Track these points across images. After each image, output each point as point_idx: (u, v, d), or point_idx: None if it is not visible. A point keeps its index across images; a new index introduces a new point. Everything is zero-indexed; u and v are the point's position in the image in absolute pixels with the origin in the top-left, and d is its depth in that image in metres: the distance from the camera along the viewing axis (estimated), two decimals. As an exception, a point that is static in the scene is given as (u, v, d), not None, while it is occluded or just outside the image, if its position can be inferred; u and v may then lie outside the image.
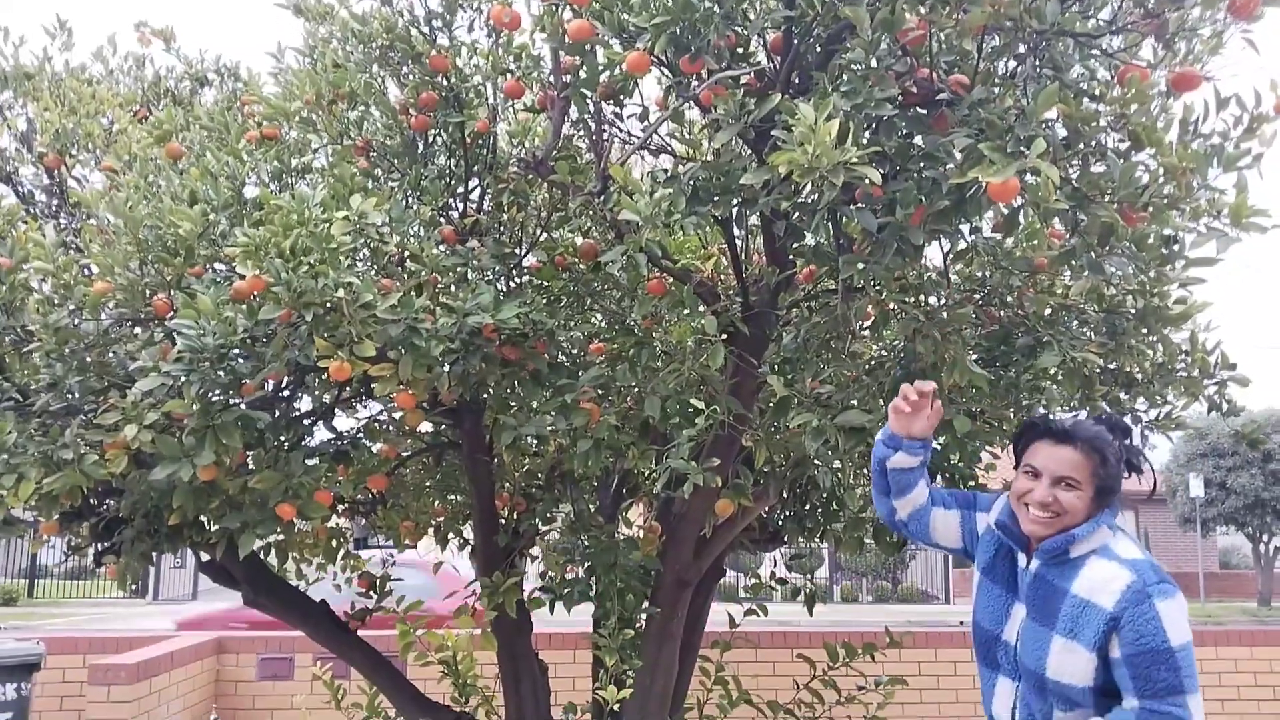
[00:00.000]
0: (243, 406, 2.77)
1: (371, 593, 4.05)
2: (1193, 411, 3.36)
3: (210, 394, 2.66)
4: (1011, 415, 3.26)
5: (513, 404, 3.38)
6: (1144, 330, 3.07)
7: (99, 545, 3.40)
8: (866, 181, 2.01)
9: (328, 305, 2.51)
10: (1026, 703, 2.01)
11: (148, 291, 2.88)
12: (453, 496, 4.36)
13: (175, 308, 2.75)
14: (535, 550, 4.08)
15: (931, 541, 2.30)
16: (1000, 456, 3.68)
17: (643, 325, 3.41)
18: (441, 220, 3.34)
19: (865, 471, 3.78)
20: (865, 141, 2.16)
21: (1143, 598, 1.85)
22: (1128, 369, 3.19)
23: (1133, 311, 3.07)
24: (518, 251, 3.44)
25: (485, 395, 3.41)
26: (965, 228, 2.78)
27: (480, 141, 3.31)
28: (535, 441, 3.58)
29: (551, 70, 3.08)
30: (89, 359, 2.92)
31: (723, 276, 3.64)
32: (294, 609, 3.87)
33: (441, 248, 3.14)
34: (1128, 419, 3.36)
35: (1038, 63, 2.33)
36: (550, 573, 3.74)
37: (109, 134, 3.99)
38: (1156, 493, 21.12)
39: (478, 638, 3.83)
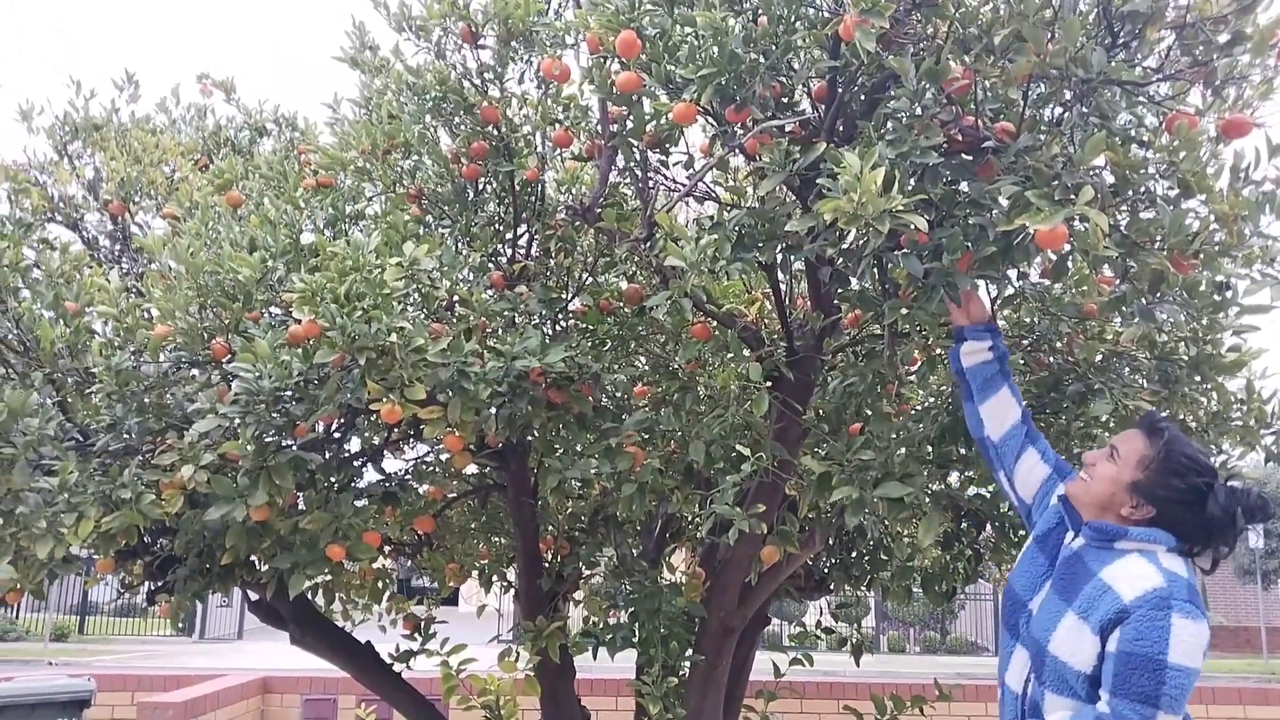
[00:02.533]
0: (295, 448, 2.82)
1: (416, 635, 4.07)
2: (1250, 461, 3.29)
3: (265, 435, 2.71)
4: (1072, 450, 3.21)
5: (557, 447, 3.41)
6: (1197, 378, 3.02)
7: (152, 584, 3.46)
8: (912, 228, 2.02)
9: (380, 349, 2.57)
10: (1030, 681, 2.00)
11: (206, 335, 2.96)
12: (497, 539, 4.39)
13: (233, 351, 2.82)
14: (578, 594, 4.07)
15: (1010, 477, 2.31)
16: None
17: (687, 369, 3.43)
18: (490, 266, 3.40)
19: (914, 520, 3.73)
20: (910, 189, 2.18)
21: (1163, 605, 1.82)
22: (1181, 417, 3.13)
23: (1185, 359, 3.03)
24: (564, 296, 3.49)
25: (530, 438, 3.44)
26: (1013, 274, 2.77)
27: (529, 189, 3.38)
28: (579, 485, 3.60)
29: (599, 120, 3.15)
30: (148, 401, 3.00)
31: (766, 321, 3.65)
32: (340, 650, 3.90)
33: (490, 293, 3.19)
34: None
35: (1084, 110, 2.34)
36: (593, 617, 3.73)
37: (171, 182, 4.13)
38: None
39: (520, 682, 3.82)
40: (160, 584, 3.40)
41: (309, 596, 3.74)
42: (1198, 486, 1.95)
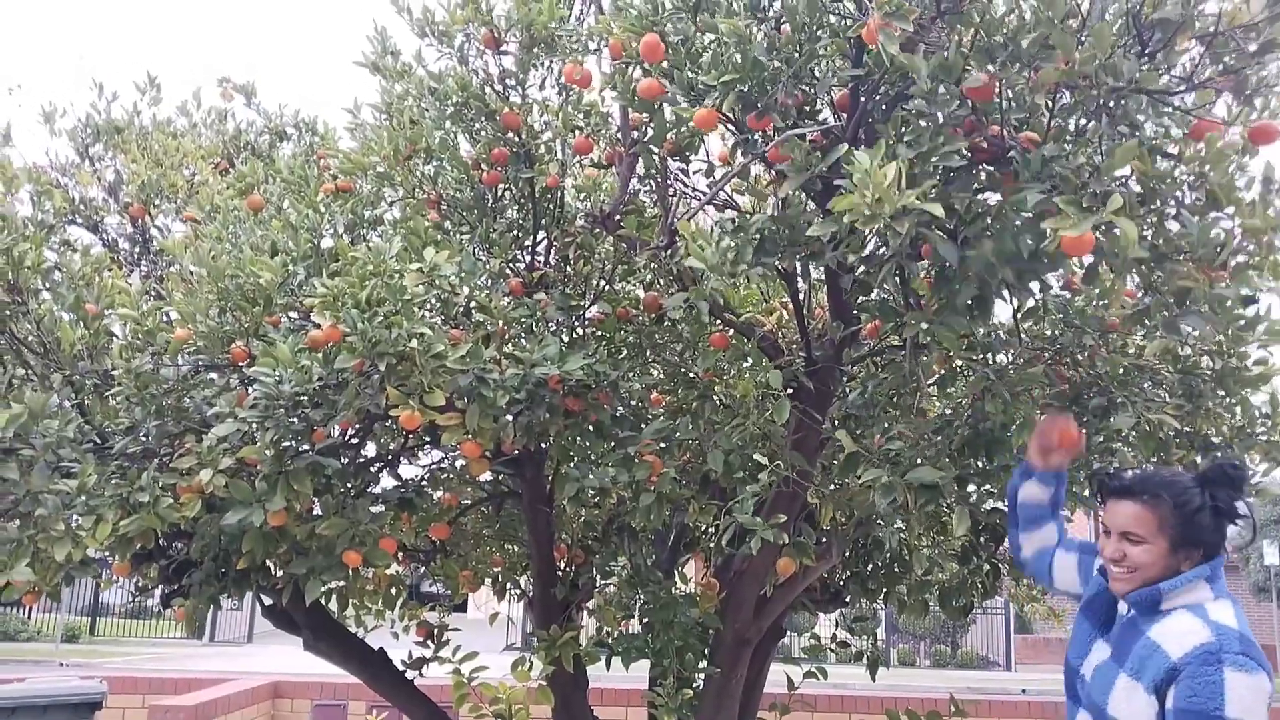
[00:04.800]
0: (313, 453, 2.82)
1: (430, 642, 4.05)
2: (1275, 477, 3.25)
3: (283, 440, 2.71)
4: (1081, 477, 3.19)
5: (574, 455, 3.39)
6: (1221, 392, 2.99)
7: (167, 587, 3.45)
8: (934, 232, 2.00)
9: (400, 355, 2.56)
10: None
11: (226, 339, 2.96)
12: (511, 546, 4.37)
13: (252, 355, 2.82)
14: (592, 603, 4.05)
15: (1050, 584, 2.34)
16: (1071, 519, 3.59)
17: (704, 378, 3.41)
18: (509, 273, 3.39)
19: (933, 532, 3.71)
20: (933, 195, 2.15)
21: (1212, 660, 1.79)
22: (1204, 432, 3.10)
23: (1209, 373, 3.00)
24: (582, 304, 3.48)
25: (546, 445, 3.42)
26: (1034, 285, 2.75)
27: (549, 196, 3.38)
28: (595, 493, 3.58)
29: (620, 127, 3.14)
30: (167, 404, 3.00)
31: (784, 331, 3.63)
32: (353, 656, 3.89)
33: (508, 299, 3.19)
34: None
35: (1110, 119, 2.32)
36: (606, 627, 3.71)
37: (191, 185, 4.14)
38: (1241, 549, 20.41)
39: (533, 691, 3.80)
40: (175, 587, 3.40)
41: (323, 602, 3.73)
42: (1201, 500, 1.96)
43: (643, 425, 3.23)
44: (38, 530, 2.72)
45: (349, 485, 3.05)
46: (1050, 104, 2.29)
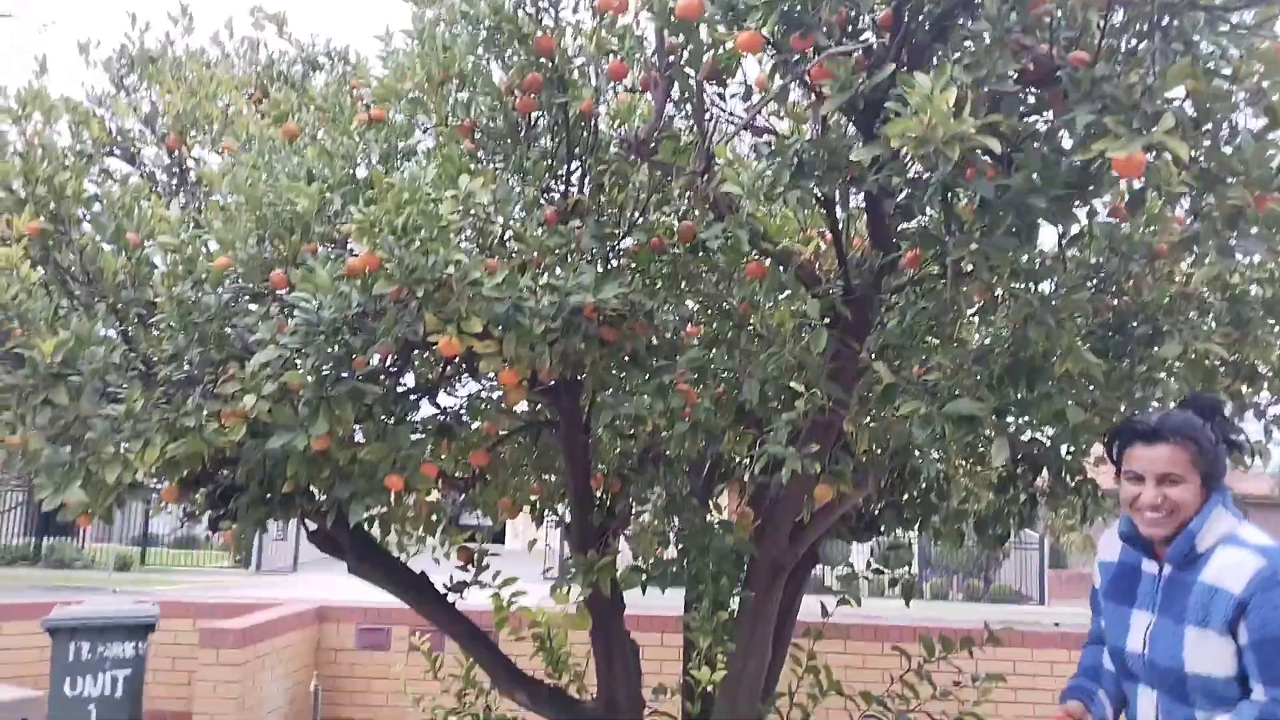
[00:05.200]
0: (354, 380, 2.85)
1: (470, 566, 4.13)
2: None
3: (324, 367, 2.74)
4: (1122, 409, 3.15)
5: (609, 384, 3.40)
6: (1271, 320, 2.93)
7: (214, 511, 3.54)
8: (981, 156, 1.95)
9: (437, 282, 2.57)
10: (1168, 710, 1.99)
11: (265, 267, 2.98)
12: (548, 475, 4.42)
13: (291, 283, 2.84)
14: (628, 530, 4.10)
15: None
16: (1099, 468, 3.56)
17: (740, 309, 3.39)
18: (543, 201, 3.37)
19: (970, 461, 3.69)
20: (984, 117, 2.10)
21: (1272, 584, 1.83)
22: (1251, 361, 3.05)
23: (1259, 301, 2.94)
24: (617, 232, 3.45)
25: (582, 375, 3.44)
26: (1080, 211, 2.69)
27: (582, 123, 3.33)
28: (630, 422, 3.60)
29: (655, 50, 3.08)
30: (209, 331, 3.04)
31: (821, 261, 3.59)
32: (395, 579, 3.98)
33: (542, 229, 3.18)
34: (1249, 412, 3.22)
35: (1164, 37, 2.23)
36: (643, 553, 3.76)
37: (225, 115, 4.14)
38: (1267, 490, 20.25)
39: (572, 615, 3.88)
40: (222, 512, 3.48)
41: (365, 527, 3.81)
42: (1215, 433, 2.02)
43: (678, 355, 3.23)
44: (89, 454, 2.79)
45: (390, 412, 3.08)
46: (1102, 22, 2.21)
